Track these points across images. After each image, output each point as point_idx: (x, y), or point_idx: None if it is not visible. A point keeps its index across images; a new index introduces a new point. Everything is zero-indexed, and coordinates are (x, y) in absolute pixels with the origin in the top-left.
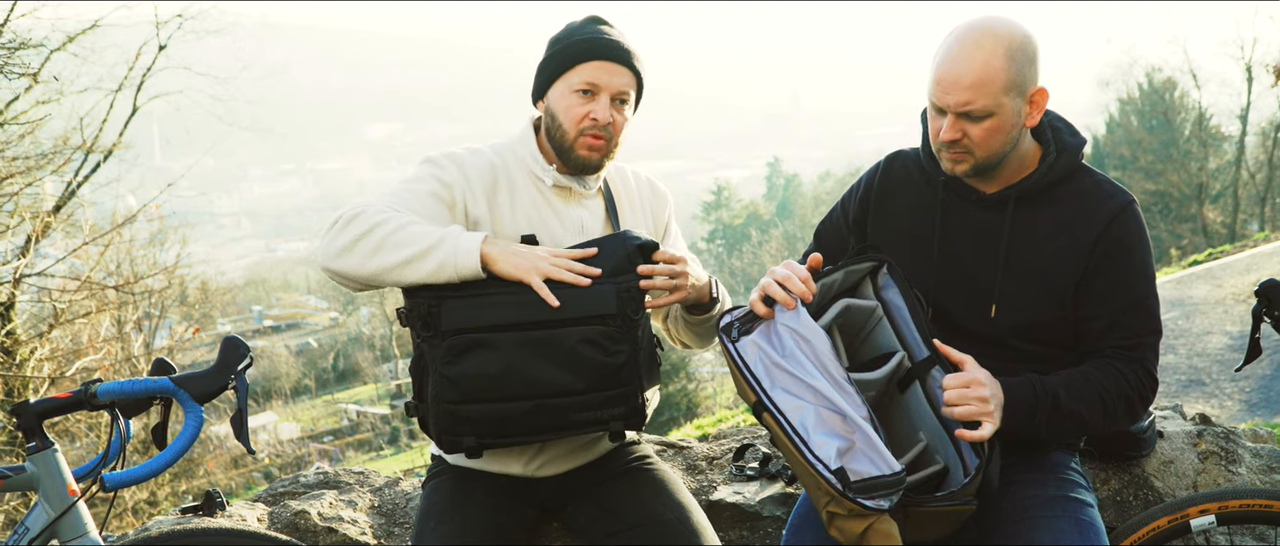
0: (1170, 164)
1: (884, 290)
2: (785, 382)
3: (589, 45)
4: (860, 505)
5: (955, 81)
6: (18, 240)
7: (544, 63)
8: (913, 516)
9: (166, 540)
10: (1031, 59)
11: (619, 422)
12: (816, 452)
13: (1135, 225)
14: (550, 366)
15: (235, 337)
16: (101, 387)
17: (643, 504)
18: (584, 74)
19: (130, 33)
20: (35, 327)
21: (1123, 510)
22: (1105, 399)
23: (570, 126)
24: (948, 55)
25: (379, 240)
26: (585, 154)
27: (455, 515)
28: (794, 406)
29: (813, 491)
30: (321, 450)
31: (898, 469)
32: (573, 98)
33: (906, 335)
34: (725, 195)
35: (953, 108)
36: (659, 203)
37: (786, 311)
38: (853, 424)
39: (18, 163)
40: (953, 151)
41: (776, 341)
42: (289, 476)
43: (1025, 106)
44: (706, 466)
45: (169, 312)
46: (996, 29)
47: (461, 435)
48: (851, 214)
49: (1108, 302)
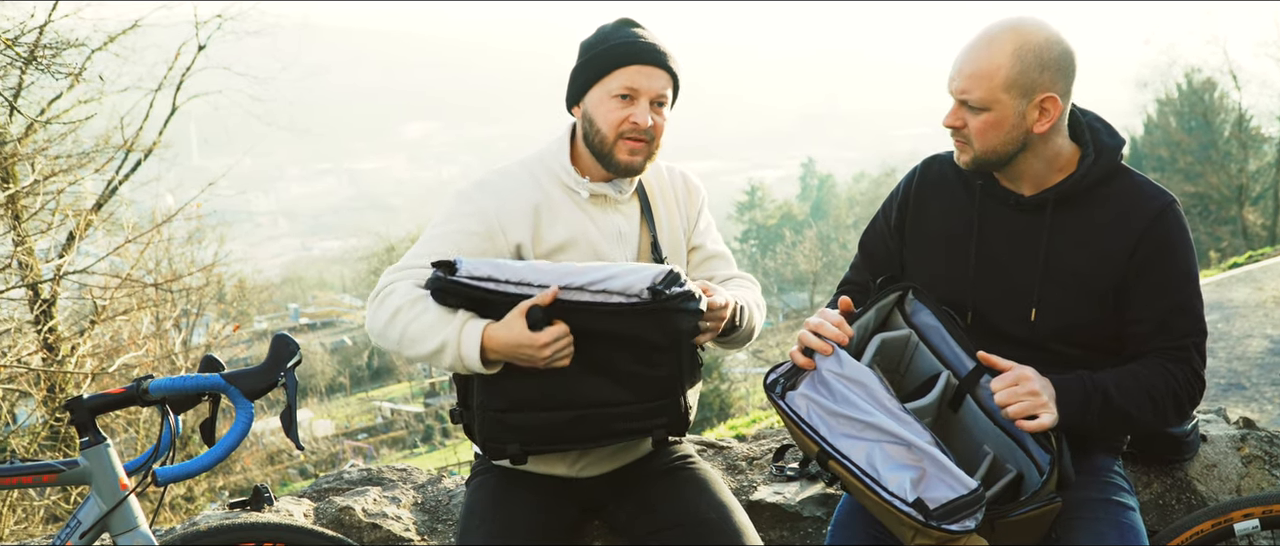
0: (1209, 165)
1: (914, 316)
2: (844, 428)
3: (626, 50)
4: (946, 531)
5: (960, 68)
6: (60, 238)
7: (579, 68)
8: (1000, 528)
9: (216, 534)
10: (1047, 65)
11: (662, 430)
12: (891, 489)
13: (1177, 226)
14: (595, 377)
15: (285, 335)
16: (153, 384)
17: (684, 503)
18: (622, 79)
19: (170, 33)
20: (77, 324)
21: (1165, 513)
22: (1154, 397)
23: (609, 132)
24: (966, 44)
25: (400, 331)
26: (626, 159)
27: (499, 514)
28: (857, 448)
29: (896, 527)
30: (356, 447)
31: (974, 486)
32: (611, 103)
33: (946, 354)
34: (759, 195)
35: (954, 94)
36: (691, 196)
37: (827, 358)
38: (919, 451)
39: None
40: (955, 139)
41: (824, 389)
42: (333, 472)
43: (1031, 110)
44: (746, 466)
45: (207, 310)
46: (1018, 27)
47: (506, 442)
48: (892, 219)
49: (1152, 306)
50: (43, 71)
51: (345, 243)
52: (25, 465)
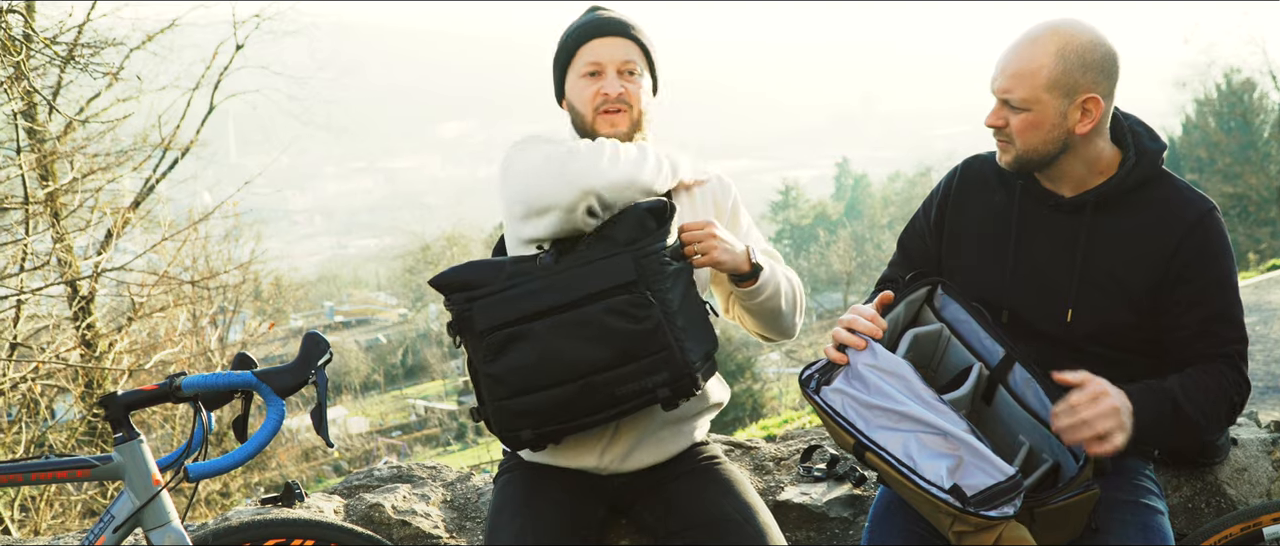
0: (1249, 166)
1: (943, 310)
2: (880, 420)
3: (584, 28)
4: (984, 517)
5: (1003, 67)
6: (98, 235)
7: (554, 63)
8: (1040, 517)
9: (247, 529)
10: (1090, 66)
11: (666, 389)
12: (928, 478)
13: (1217, 233)
14: (584, 344)
15: (316, 333)
16: (185, 381)
17: (710, 503)
18: (586, 56)
19: (207, 32)
20: (114, 321)
21: (1194, 517)
22: (1215, 403)
23: (587, 110)
24: (1010, 43)
25: (605, 153)
26: (608, 131)
27: (528, 509)
28: (894, 439)
29: (934, 516)
30: (390, 444)
31: (1012, 472)
32: (582, 82)
33: (976, 346)
34: (793, 195)
35: (996, 93)
36: (722, 191)
37: (861, 352)
38: (955, 440)
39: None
40: (997, 139)
41: (858, 383)
42: (363, 470)
43: (1073, 111)
44: (774, 467)
45: (243, 307)
46: (1061, 27)
47: (519, 429)
48: (932, 217)
49: (1191, 313)
50: (81, 70)
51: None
52: (60, 460)
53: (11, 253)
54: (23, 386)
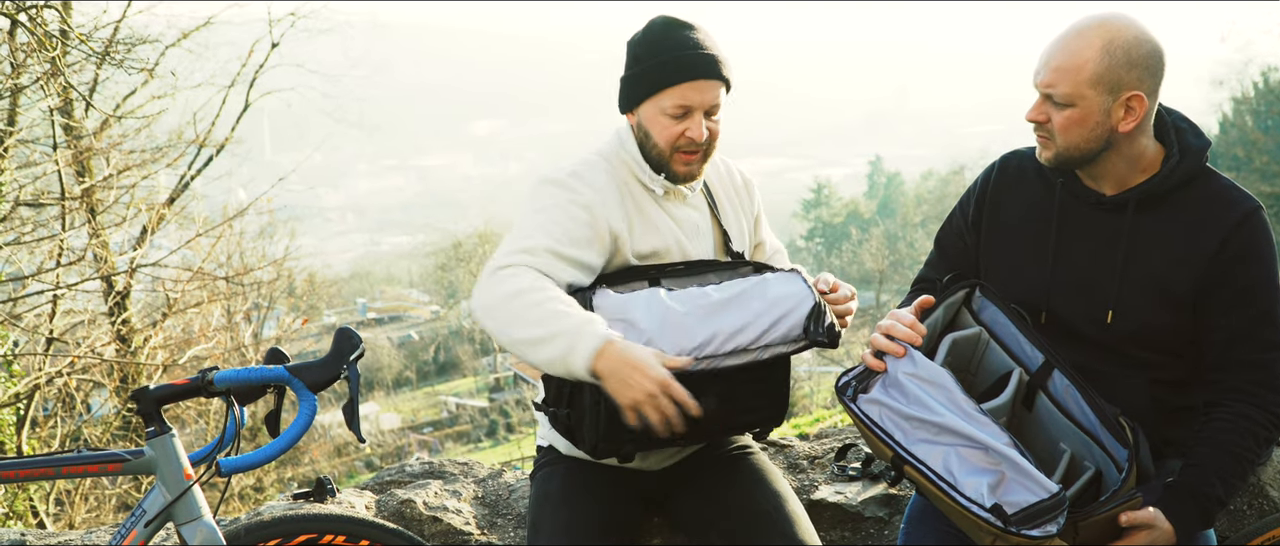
0: None
1: (981, 313)
2: (919, 432)
3: (677, 66)
4: (1027, 537)
5: (1046, 62)
6: (133, 231)
7: (631, 80)
8: (1084, 529)
9: (279, 524)
10: (1136, 63)
11: (766, 424)
12: (968, 494)
13: (1262, 233)
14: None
15: (348, 329)
16: (218, 375)
17: (740, 492)
18: (675, 98)
19: (243, 30)
20: (149, 316)
21: (1236, 519)
22: (1250, 462)
23: (665, 145)
24: (1054, 38)
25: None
26: (684, 170)
27: (571, 503)
28: (934, 453)
29: (974, 533)
30: (421, 441)
31: (1055, 489)
32: (665, 120)
33: (1015, 350)
34: (825, 193)
35: (1039, 88)
36: (749, 192)
37: (900, 360)
38: (997, 454)
39: (134, 156)
40: (1038, 134)
41: (896, 393)
42: (395, 465)
43: (1117, 108)
44: (808, 465)
45: (277, 303)
46: (1107, 22)
47: (623, 443)
48: (969, 214)
49: (1232, 314)
50: (117, 67)
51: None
52: (92, 454)
53: (48, 248)
54: (59, 381)
